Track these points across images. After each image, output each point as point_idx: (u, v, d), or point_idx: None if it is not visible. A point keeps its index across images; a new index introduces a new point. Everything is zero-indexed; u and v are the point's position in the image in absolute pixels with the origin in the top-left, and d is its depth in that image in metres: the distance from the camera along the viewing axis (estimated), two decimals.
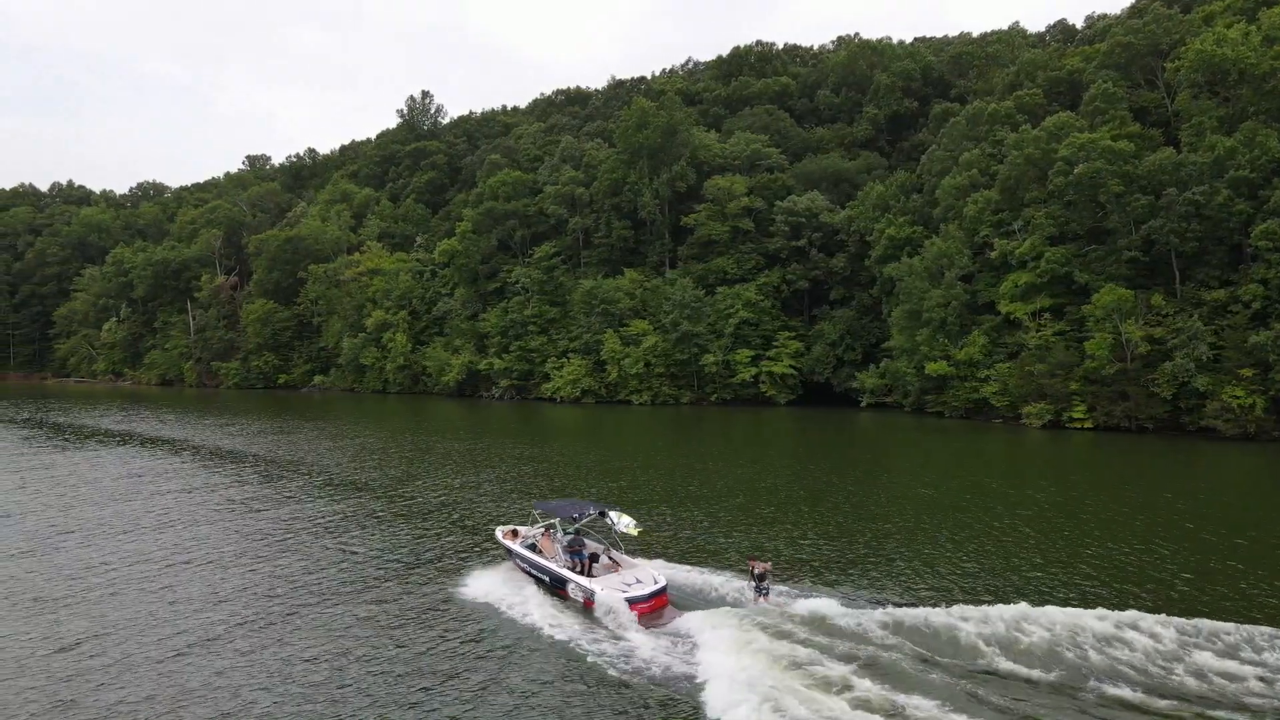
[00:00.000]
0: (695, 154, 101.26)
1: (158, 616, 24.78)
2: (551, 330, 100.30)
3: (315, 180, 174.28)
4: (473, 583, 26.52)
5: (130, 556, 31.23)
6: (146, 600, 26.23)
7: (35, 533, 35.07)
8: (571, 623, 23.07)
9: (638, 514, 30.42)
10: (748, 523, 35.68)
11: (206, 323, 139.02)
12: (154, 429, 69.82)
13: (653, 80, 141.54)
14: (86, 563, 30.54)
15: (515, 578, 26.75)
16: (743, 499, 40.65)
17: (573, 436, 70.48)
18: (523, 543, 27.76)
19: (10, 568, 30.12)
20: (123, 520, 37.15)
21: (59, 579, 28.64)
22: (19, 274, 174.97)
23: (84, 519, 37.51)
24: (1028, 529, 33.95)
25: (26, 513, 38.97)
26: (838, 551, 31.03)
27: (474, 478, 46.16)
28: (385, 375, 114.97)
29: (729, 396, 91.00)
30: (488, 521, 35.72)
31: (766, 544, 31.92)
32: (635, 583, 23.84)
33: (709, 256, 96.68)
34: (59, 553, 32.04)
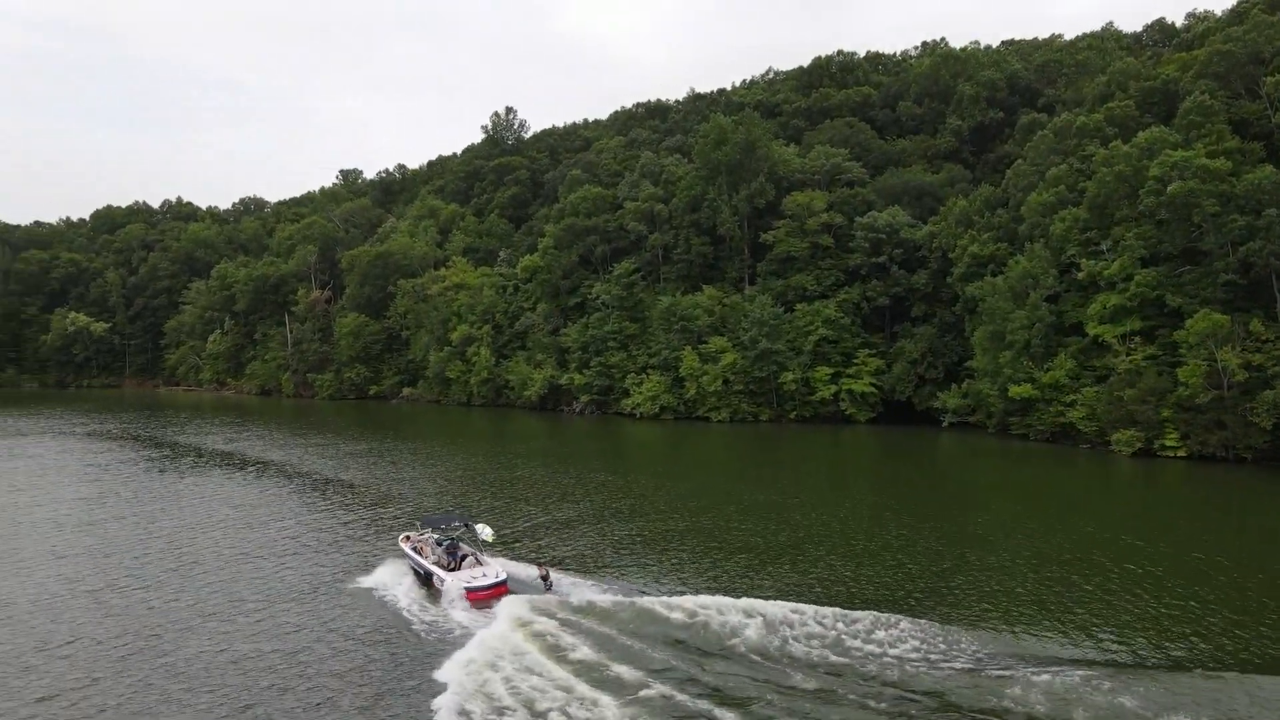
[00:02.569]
0: (774, 169, 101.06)
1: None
2: (631, 346, 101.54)
3: (404, 195, 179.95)
4: (371, 574, 34.56)
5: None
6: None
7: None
8: (420, 601, 31.19)
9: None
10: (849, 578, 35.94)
11: (302, 335, 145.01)
12: (260, 450, 73.46)
13: (732, 91, 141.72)
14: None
15: (402, 571, 34.54)
16: (832, 545, 40.87)
17: (654, 460, 71.36)
18: (411, 546, 35.27)
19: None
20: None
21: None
22: (133, 287, 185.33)
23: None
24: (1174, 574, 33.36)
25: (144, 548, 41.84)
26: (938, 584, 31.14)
27: (559, 513, 47.32)
28: (470, 388, 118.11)
29: (808, 414, 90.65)
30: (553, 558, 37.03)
31: (862, 591, 32.28)
32: (481, 577, 31.23)
33: (788, 273, 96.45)
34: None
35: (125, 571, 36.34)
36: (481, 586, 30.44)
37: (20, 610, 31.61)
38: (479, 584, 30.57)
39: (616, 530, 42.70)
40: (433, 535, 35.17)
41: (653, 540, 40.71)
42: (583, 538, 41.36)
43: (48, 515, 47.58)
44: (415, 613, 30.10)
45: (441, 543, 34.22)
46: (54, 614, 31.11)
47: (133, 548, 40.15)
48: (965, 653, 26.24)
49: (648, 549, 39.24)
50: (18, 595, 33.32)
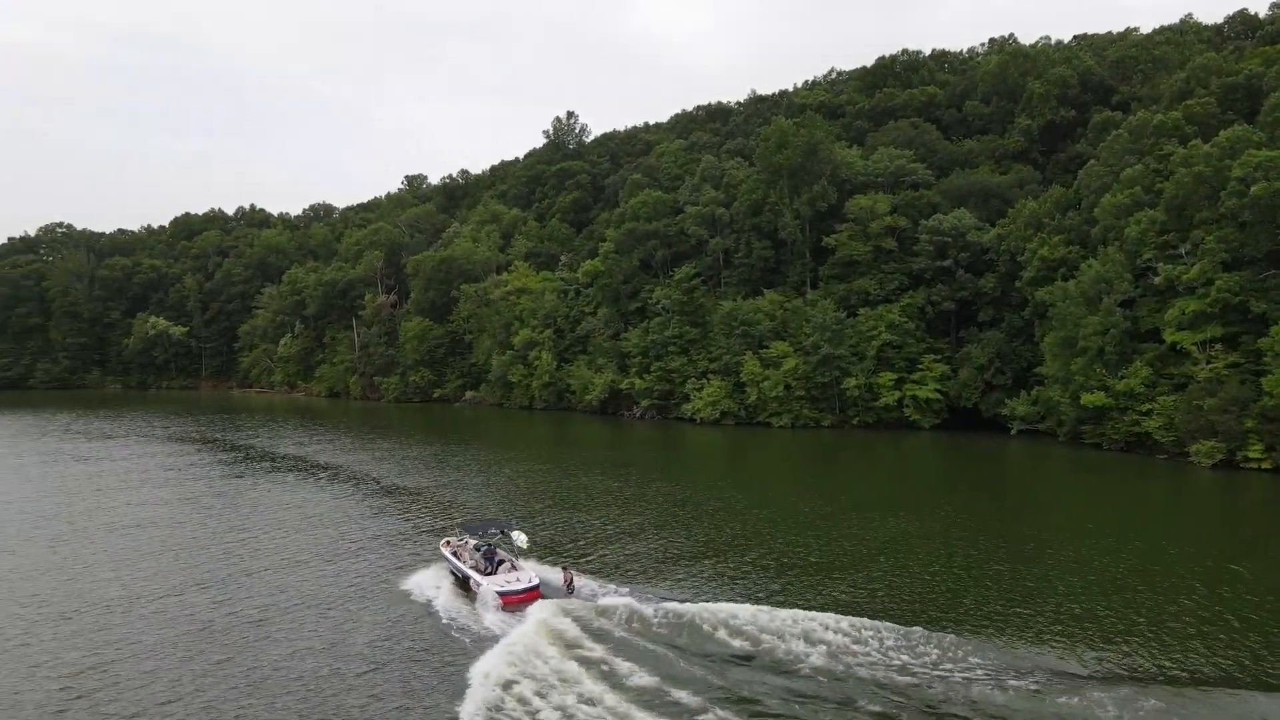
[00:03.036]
0: (837, 171, 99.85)
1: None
2: (692, 351, 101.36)
3: (467, 200, 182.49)
4: (414, 576, 36.15)
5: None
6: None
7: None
8: (456, 603, 32.77)
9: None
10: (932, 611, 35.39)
11: (369, 339, 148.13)
12: (329, 455, 75.23)
13: (794, 93, 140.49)
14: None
15: (442, 574, 36.10)
16: (896, 561, 40.26)
17: (715, 468, 71.11)
18: (451, 551, 36.76)
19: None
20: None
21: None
22: (209, 292, 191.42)
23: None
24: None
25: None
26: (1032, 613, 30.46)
27: (624, 524, 47.43)
28: (531, 392, 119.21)
29: (871, 420, 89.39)
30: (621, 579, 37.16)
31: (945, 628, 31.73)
32: (515, 581, 32.32)
33: (851, 277, 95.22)
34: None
35: (201, 570, 37.62)
36: (515, 591, 31.67)
37: (113, 605, 32.93)
38: (512, 588, 31.81)
39: (674, 541, 42.66)
40: (471, 541, 36.57)
41: (709, 551, 40.60)
42: (640, 548, 41.44)
43: (130, 515, 49.43)
44: (449, 614, 31.55)
45: (480, 548, 35.45)
46: (132, 610, 32.34)
47: (207, 548, 41.50)
48: (1026, 672, 25.59)
49: (701, 559, 39.16)
50: (112, 593, 34.71)
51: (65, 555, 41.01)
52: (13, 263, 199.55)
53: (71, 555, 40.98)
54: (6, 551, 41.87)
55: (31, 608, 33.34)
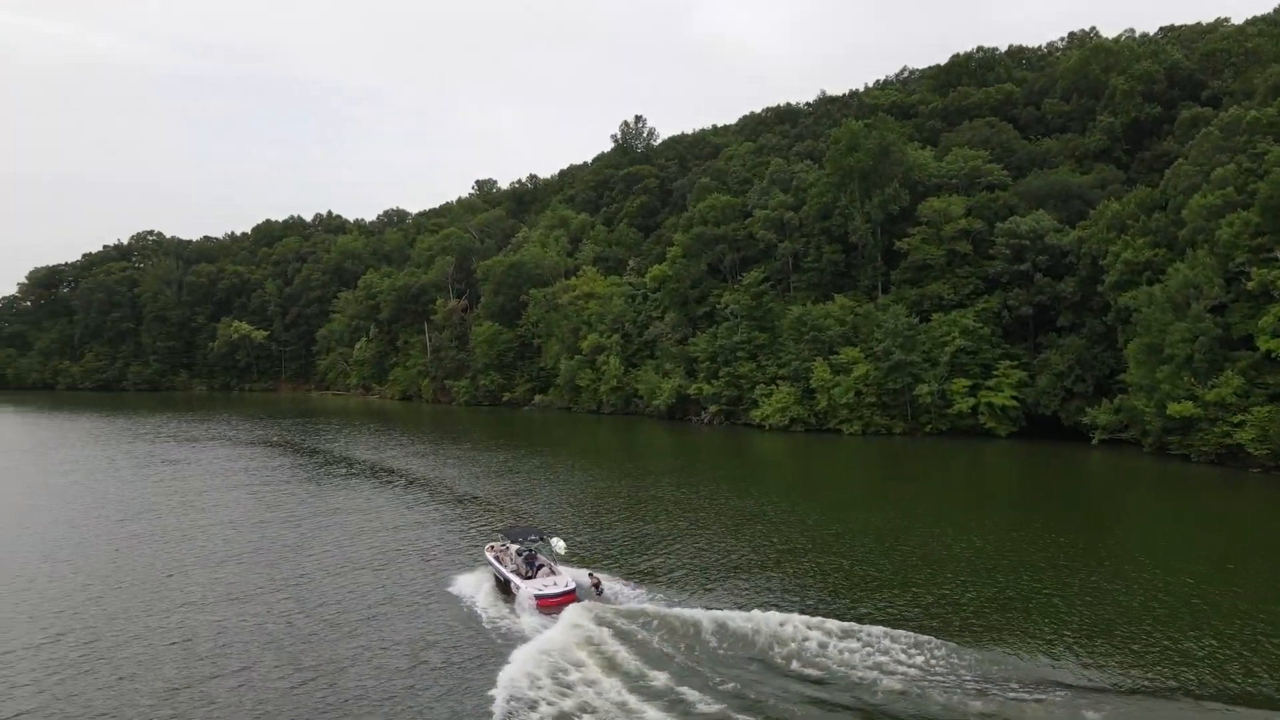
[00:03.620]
0: (909, 173, 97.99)
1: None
2: (760, 356, 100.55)
3: (536, 204, 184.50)
4: (460, 578, 38.07)
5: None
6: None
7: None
8: (494, 603, 34.54)
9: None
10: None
11: (441, 343, 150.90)
12: (403, 461, 76.70)
13: (864, 93, 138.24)
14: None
15: (486, 577, 37.75)
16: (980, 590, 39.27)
17: (785, 479, 70.34)
18: (494, 555, 38.28)
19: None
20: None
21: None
22: (289, 297, 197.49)
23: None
24: None
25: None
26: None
27: (692, 542, 47.26)
28: (599, 396, 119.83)
29: (944, 428, 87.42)
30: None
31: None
32: (552, 585, 33.79)
33: (923, 281, 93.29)
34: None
35: (281, 570, 38.73)
36: (551, 594, 33.28)
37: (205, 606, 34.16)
38: (549, 591, 33.46)
39: (737, 551, 42.30)
40: (513, 546, 38.13)
41: (769, 562, 40.14)
42: (705, 559, 41.24)
43: (215, 518, 51.19)
44: (488, 614, 33.46)
45: (521, 553, 36.89)
46: (215, 610, 33.49)
47: (289, 550, 42.72)
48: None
49: (762, 570, 38.73)
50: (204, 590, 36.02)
51: (152, 556, 42.63)
52: (107, 270, 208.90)
53: (153, 555, 42.61)
54: (97, 553, 43.70)
55: (123, 603, 34.77)
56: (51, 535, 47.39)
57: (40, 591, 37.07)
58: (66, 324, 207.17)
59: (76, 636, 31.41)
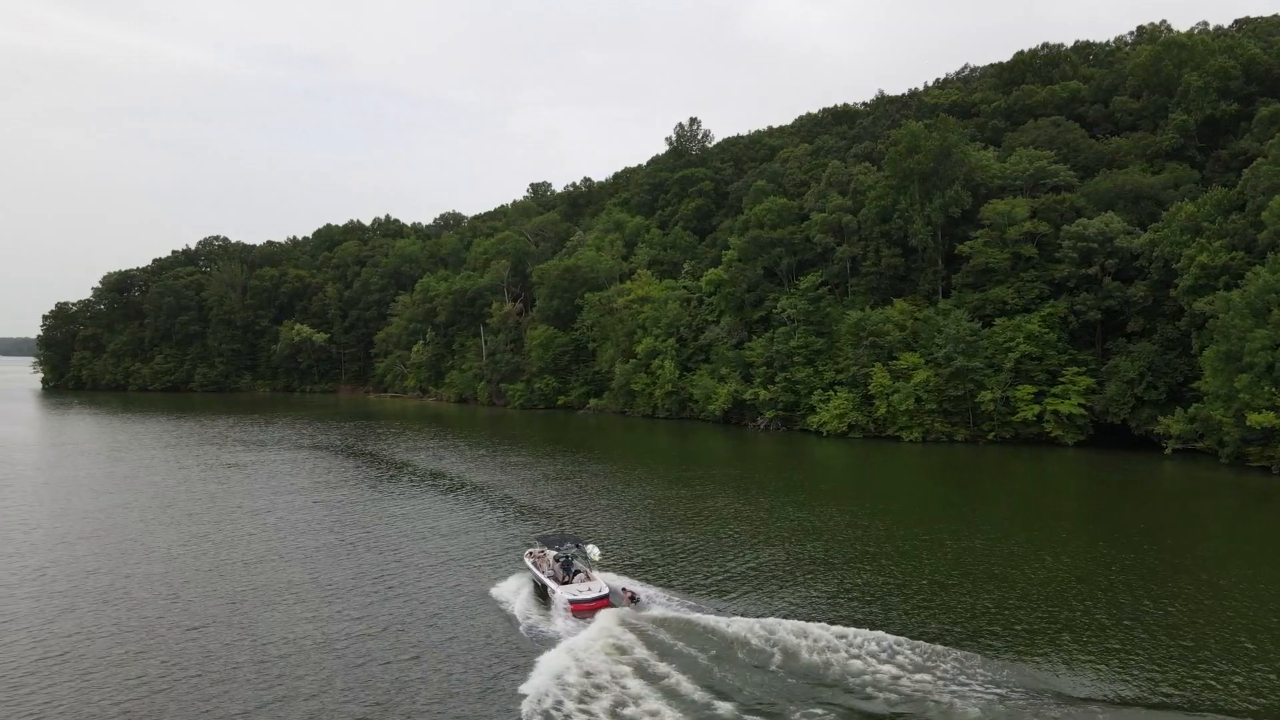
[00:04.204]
0: (971, 175, 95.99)
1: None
2: (818, 361, 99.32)
3: (590, 207, 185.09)
4: (501, 582, 39.25)
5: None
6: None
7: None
8: (531, 607, 35.59)
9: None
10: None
11: (496, 347, 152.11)
12: (462, 470, 77.29)
13: (924, 93, 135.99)
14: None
15: (525, 581, 38.91)
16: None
17: (844, 487, 69.31)
18: (533, 561, 39.46)
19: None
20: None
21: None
22: (348, 300, 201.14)
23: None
24: None
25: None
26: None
27: (738, 551, 46.73)
28: (654, 400, 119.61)
29: (1008, 435, 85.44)
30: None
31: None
32: (586, 591, 34.92)
33: (986, 285, 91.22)
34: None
35: (344, 572, 39.22)
36: (584, 599, 34.34)
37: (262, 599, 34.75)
38: (582, 597, 34.52)
39: (791, 569, 41.59)
40: (550, 552, 39.17)
41: (824, 572, 39.37)
42: (753, 570, 40.58)
43: (272, 521, 52.16)
44: (525, 617, 34.55)
45: (558, 559, 37.96)
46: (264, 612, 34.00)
47: (344, 553, 43.27)
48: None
49: (819, 581, 37.99)
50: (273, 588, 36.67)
51: (214, 557, 43.53)
52: (175, 274, 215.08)
53: (214, 557, 43.49)
54: (166, 557, 44.75)
55: (193, 608, 35.52)
56: (123, 534, 48.74)
57: (109, 596, 38.06)
58: (138, 327, 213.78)
59: (144, 633, 32.18)
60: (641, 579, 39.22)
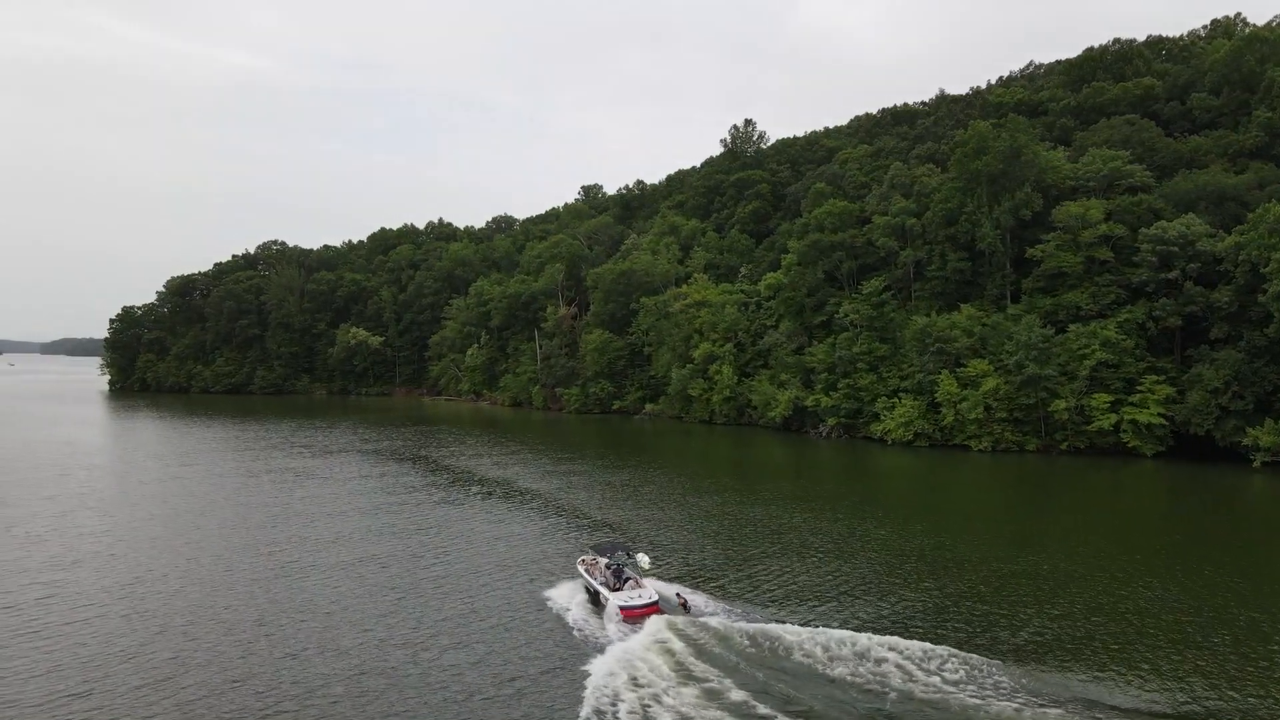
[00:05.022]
0: (1041, 176, 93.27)
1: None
2: (881, 368, 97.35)
3: (644, 210, 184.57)
4: (554, 589, 40.10)
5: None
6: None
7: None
8: (584, 613, 36.56)
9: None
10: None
11: (551, 351, 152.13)
12: (528, 479, 76.88)
13: (988, 91, 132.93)
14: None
15: (577, 588, 39.97)
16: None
17: (909, 496, 67.59)
18: (585, 568, 40.74)
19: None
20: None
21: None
22: (403, 304, 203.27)
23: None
24: None
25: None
26: None
27: (795, 562, 45.55)
28: (711, 406, 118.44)
29: (1082, 445, 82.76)
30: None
31: None
32: (637, 597, 35.73)
33: (1058, 290, 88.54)
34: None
35: (407, 578, 38.94)
36: (635, 605, 35.33)
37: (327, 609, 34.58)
38: (633, 603, 35.49)
39: (851, 581, 40.22)
40: (602, 560, 40.46)
41: (897, 599, 37.97)
42: (810, 582, 39.34)
43: (340, 528, 52.23)
44: (578, 622, 35.69)
45: (609, 566, 39.07)
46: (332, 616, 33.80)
47: (406, 560, 43.04)
48: None
49: (877, 600, 36.63)
50: (325, 599, 36.50)
51: (282, 565, 43.60)
52: (235, 278, 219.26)
53: (283, 563, 43.54)
54: (246, 568, 44.96)
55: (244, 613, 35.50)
56: (203, 546, 49.18)
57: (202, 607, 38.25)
58: (199, 330, 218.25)
59: (216, 632, 32.14)
60: (693, 587, 39.65)
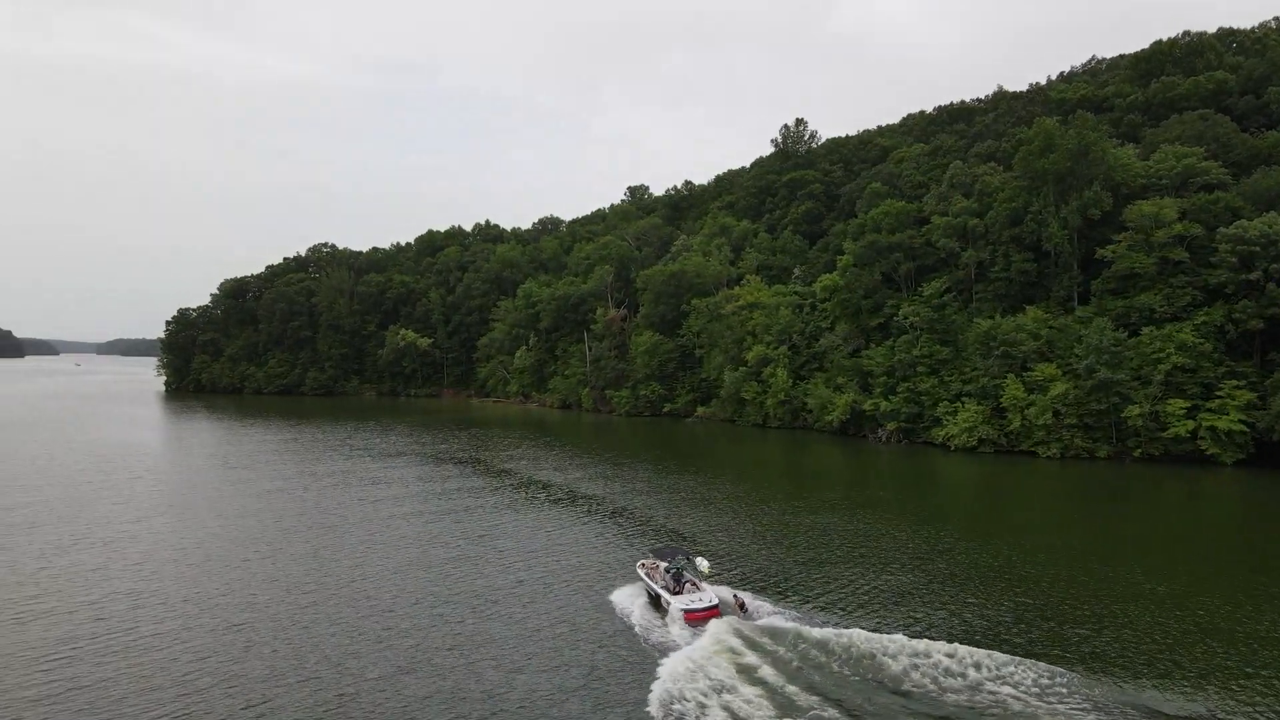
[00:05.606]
0: (1110, 175, 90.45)
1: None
2: (942, 371, 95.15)
3: (693, 211, 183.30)
4: (616, 592, 41.37)
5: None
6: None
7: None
8: (648, 615, 37.67)
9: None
10: None
11: (600, 353, 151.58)
12: (590, 486, 76.27)
13: (1049, 87, 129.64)
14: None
15: (639, 591, 40.94)
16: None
17: (973, 503, 65.65)
18: (645, 571, 41.58)
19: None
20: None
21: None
22: (451, 305, 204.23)
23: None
24: None
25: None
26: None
27: (853, 569, 44.21)
28: (765, 409, 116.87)
29: (1156, 453, 79.89)
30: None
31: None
32: (698, 601, 36.81)
33: (1130, 291, 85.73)
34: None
35: (474, 581, 38.36)
36: (697, 609, 36.39)
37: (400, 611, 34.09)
38: (695, 606, 36.52)
39: (909, 588, 38.73)
40: (662, 564, 41.46)
41: (958, 605, 36.45)
42: (868, 588, 37.93)
43: (410, 531, 51.95)
44: (643, 625, 36.96)
45: (669, 570, 39.92)
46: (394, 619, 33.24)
47: (474, 565, 42.53)
48: None
49: (938, 607, 35.12)
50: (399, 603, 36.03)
51: (350, 569, 43.33)
52: (287, 280, 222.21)
53: (351, 567, 43.27)
54: (307, 576, 44.78)
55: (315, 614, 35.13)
56: (275, 552, 49.18)
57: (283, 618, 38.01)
58: (252, 332, 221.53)
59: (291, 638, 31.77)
60: (753, 592, 40.30)
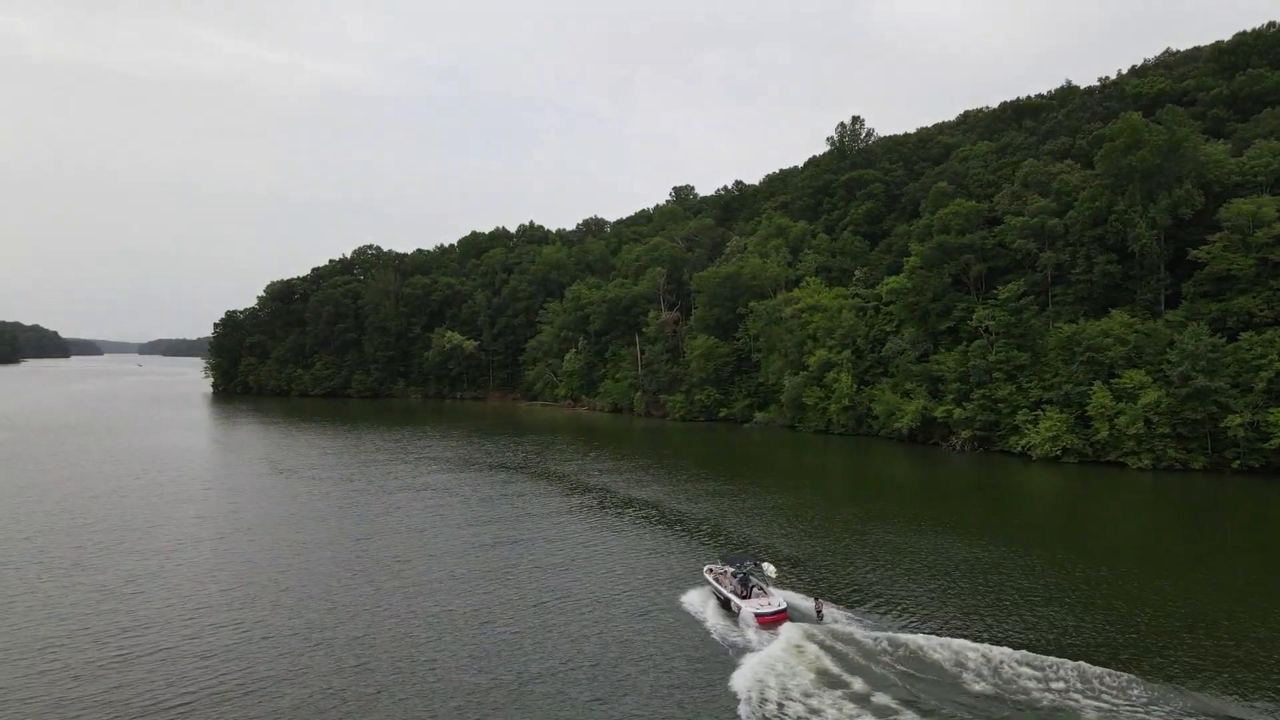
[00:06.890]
0: (1201, 172, 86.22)
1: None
2: (1020, 377, 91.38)
3: (744, 211, 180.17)
4: (686, 595, 42.25)
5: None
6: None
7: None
8: (719, 619, 38.44)
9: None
10: None
11: (653, 356, 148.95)
12: (655, 494, 74.17)
13: (1122, 80, 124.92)
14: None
15: (707, 595, 41.84)
16: None
17: (1067, 521, 62.10)
18: (713, 577, 42.46)
19: None
20: None
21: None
22: (496, 308, 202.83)
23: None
24: None
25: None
26: None
27: (921, 581, 41.17)
28: (828, 415, 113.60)
29: (1257, 464, 75.77)
30: None
31: None
32: (768, 605, 37.69)
33: (1226, 294, 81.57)
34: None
35: (539, 589, 36.15)
36: (768, 613, 37.30)
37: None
38: (766, 610, 37.38)
39: (983, 600, 35.67)
40: (729, 569, 41.94)
41: (1034, 615, 33.37)
42: (939, 597, 34.93)
43: (477, 539, 49.92)
44: (717, 628, 37.83)
45: (737, 575, 40.71)
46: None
47: (551, 571, 40.41)
48: None
49: (1013, 615, 32.08)
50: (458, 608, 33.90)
51: (417, 577, 41.37)
52: (333, 283, 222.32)
53: (417, 575, 41.33)
54: (406, 601, 42.87)
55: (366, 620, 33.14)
56: (341, 571, 47.46)
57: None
58: (299, 334, 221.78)
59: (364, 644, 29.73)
60: (821, 597, 40.33)
